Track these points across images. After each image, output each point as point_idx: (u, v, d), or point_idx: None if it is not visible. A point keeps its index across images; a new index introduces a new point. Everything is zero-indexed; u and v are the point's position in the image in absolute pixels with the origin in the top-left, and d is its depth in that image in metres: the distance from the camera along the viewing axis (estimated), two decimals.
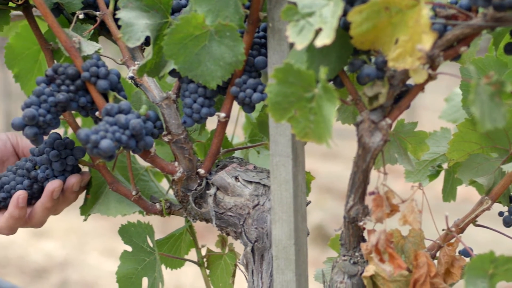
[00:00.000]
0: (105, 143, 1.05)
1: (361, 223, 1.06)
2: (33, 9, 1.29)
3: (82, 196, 1.37)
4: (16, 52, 1.43)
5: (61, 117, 1.23)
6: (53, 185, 1.26)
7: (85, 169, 1.33)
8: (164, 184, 1.56)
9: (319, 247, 4.71)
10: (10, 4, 1.29)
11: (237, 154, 1.54)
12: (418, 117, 6.93)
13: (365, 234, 1.09)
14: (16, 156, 1.36)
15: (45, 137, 1.25)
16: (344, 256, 1.09)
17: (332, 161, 6.83)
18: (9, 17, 1.30)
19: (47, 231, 5.11)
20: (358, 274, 1.08)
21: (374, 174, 1.05)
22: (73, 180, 1.28)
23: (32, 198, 1.29)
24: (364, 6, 0.92)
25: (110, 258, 4.71)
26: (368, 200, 1.05)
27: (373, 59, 1.02)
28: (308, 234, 1.16)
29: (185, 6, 1.23)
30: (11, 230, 1.29)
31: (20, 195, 1.25)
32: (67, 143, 1.27)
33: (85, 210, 1.36)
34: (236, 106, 1.20)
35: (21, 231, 1.33)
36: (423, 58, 0.93)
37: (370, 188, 1.05)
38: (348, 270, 1.08)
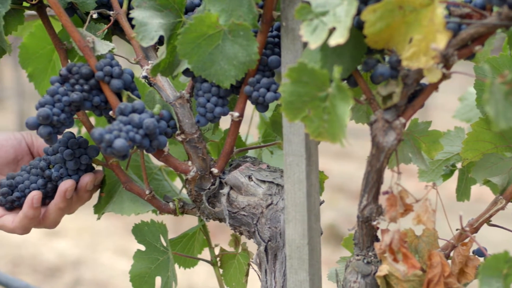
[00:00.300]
0: (119, 143, 1.06)
1: (374, 223, 1.06)
2: (47, 9, 1.30)
3: (95, 195, 1.37)
4: (30, 51, 1.43)
5: (75, 116, 1.23)
6: (65, 185, 1.26)
7: (98, 168, 1.34)
8: (178, 183, 1.57)
9: (331, 247, 4.70)
10: (24, 4, 1.29)
11: (250, 153, 1.54)
12: (431, 116, 6.91)
13: (378, 233, 1.09)
14: (31, 156, 1.37)
15: (59, 136, 1.26)
16: (357, 255, 1.09)
17: (345, 161, 6.82)
18: (23, 17, 1.30)
19: (60, 230, 5.13)
20: (372, 274, 1.08)
21: (387, 174, 1.05)
22: (86, 179, 1.28)
23: (46, 198, 1.29)
24: (378, 5, 0.92)
25: (123, 257, 4.73)
26: (382, 200, 1.05)
27: (387, 58, 1.01)
28: (321, 234, 1.16)
29: (198, 5, 1.23)
30: (25, 230, 1.29)
31: (34, 196, 1.25)
32: (81, 142, 1.28)
33: (99, 209, 1.36)
34: (250, 105, 1.19)
35: (34, 230, 1.33)
36: (437, 57, 0.93)
37: (384, 187, 1.05)
38: (362, 269, 1.08)
